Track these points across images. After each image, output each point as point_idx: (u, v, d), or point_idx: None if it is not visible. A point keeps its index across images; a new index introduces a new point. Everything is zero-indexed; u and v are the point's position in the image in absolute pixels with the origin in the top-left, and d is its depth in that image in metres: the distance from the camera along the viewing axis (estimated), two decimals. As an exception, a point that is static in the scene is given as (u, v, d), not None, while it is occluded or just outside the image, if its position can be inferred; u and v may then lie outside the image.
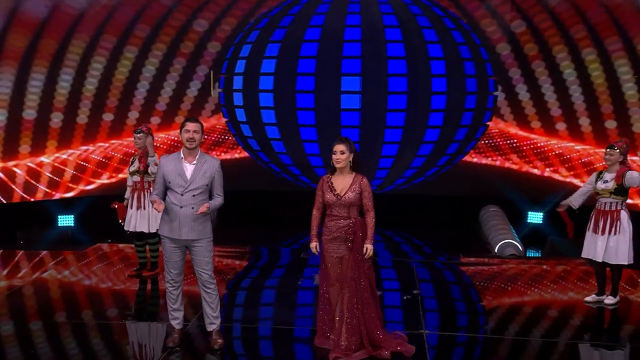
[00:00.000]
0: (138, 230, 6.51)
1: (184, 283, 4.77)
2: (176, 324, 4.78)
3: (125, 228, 6.66)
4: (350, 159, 4.40)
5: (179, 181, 4.42)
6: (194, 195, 4.44)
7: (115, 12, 9.59)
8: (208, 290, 4.68)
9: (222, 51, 9.85)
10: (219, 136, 10.57)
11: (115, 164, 10.23)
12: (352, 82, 7.92)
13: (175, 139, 10.11)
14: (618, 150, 5.25)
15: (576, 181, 9.35)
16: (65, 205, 9.86)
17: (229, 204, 5.05)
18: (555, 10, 9.10)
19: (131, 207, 6.56)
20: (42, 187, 9.73)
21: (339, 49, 7.96)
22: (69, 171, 9.90)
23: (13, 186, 9.46)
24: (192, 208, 4.45)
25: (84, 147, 10.00)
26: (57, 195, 9.90)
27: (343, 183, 4.45)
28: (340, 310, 4.60)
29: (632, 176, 5.16)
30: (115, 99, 10.01)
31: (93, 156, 10.11)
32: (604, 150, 5.45)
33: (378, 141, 8.18)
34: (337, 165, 4.38)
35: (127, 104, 10.08)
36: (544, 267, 7.09)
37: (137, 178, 6.47)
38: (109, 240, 8.15)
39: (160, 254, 5.43)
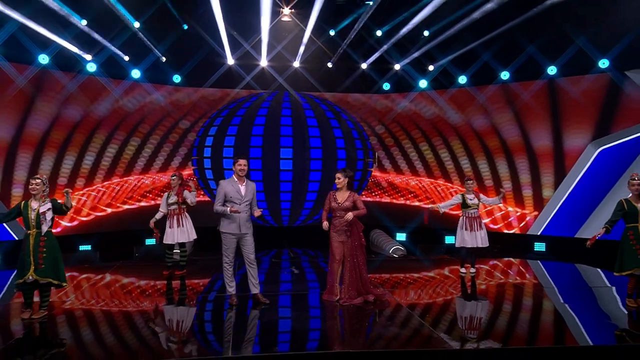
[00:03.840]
0: (180, 241, 8.14)
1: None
2: (232, 290, 6.36)
3: (169, 242, 8.12)
4: (346, 182, 6.38)
5: (237, 196, 6.18)
6: (246, 205, 6.24)
7: (126, 117, 11.80)
8: (252, 266, 6.33)
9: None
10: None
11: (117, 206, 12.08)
12: (255, 151, 11.47)
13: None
14: (473, 182, 8.30)
15: (430, 205, 12.45)
16: (84, 238, 11.17)
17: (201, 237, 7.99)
18: (400, 121, 12.87)
19: (170, 227, 8.09)
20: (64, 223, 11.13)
21: (249, 132, 11.56)
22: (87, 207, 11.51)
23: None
24: (245, 213, 6.20)
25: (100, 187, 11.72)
26: (76, 222, 11.17)
27: (342, 196, 6.39)
28: (342, 276, 6.52)
29: (485, 199, 8.30)
30: (122, 170, 12.16)
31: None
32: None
33: (277, 192, 11.57)
34: (337, 186, 6.43)
35: (129, 172, 12.28)
36: (423, 260, 10.11)
37: (174, 207, 8.16)
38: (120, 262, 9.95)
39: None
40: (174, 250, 8.45)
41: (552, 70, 10.52)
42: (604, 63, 9.91)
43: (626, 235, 6.31)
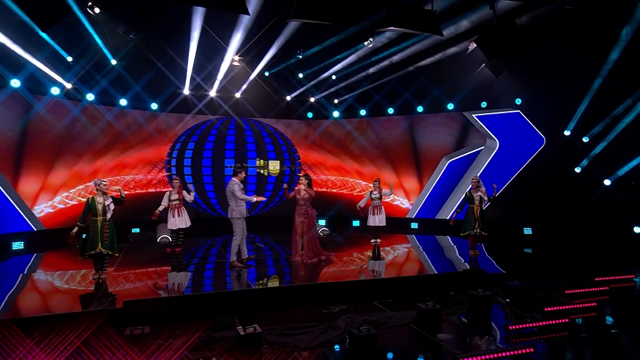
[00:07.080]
0: (179, 227, 10.00)
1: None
2: (234, 258, 8.43)
3: (170, 227, 9.98)
4: (306, 182, 8.90)
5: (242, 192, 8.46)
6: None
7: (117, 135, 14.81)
8: (245, 239, 8.62)
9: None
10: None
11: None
12: (207, 162, 14.55)
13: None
14: (378, 181, 11.58)
15: (345, 191, 16.16)
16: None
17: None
18: (317, 141, 16.52)
19: (173, 217, 9.91)
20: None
21: (202, 148, 14.71)
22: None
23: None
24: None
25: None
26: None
27: (304, 191, 8.96)
28: (302, 245, 8.87)
29: (385, 192, 11.48)
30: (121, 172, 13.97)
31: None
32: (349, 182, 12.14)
33: (224, 192, 14.62)
34: (300, 186, 8.99)
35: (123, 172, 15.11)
36: (341, 237, 13.67)
37: (176, 202, 9.99)
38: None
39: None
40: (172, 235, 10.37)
41: (420, 108, 14.90)
42: (450, 106, 14.43)
43: (467, 212, 10.32)
